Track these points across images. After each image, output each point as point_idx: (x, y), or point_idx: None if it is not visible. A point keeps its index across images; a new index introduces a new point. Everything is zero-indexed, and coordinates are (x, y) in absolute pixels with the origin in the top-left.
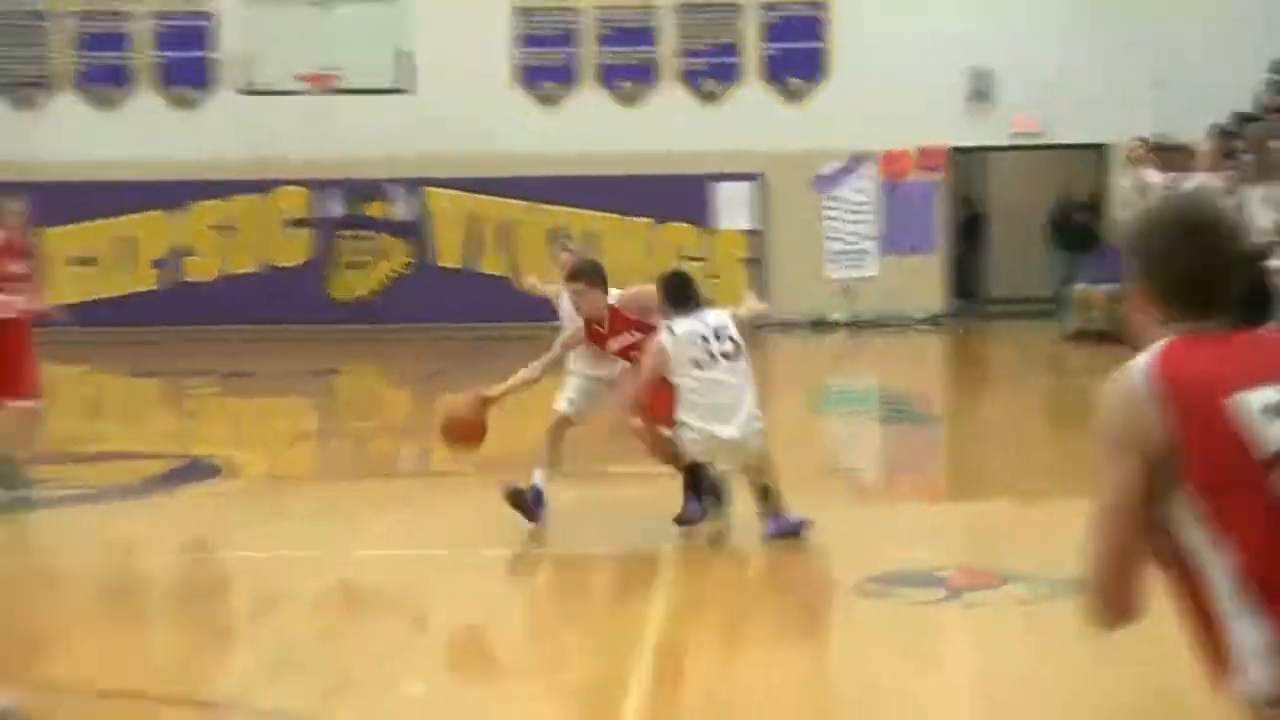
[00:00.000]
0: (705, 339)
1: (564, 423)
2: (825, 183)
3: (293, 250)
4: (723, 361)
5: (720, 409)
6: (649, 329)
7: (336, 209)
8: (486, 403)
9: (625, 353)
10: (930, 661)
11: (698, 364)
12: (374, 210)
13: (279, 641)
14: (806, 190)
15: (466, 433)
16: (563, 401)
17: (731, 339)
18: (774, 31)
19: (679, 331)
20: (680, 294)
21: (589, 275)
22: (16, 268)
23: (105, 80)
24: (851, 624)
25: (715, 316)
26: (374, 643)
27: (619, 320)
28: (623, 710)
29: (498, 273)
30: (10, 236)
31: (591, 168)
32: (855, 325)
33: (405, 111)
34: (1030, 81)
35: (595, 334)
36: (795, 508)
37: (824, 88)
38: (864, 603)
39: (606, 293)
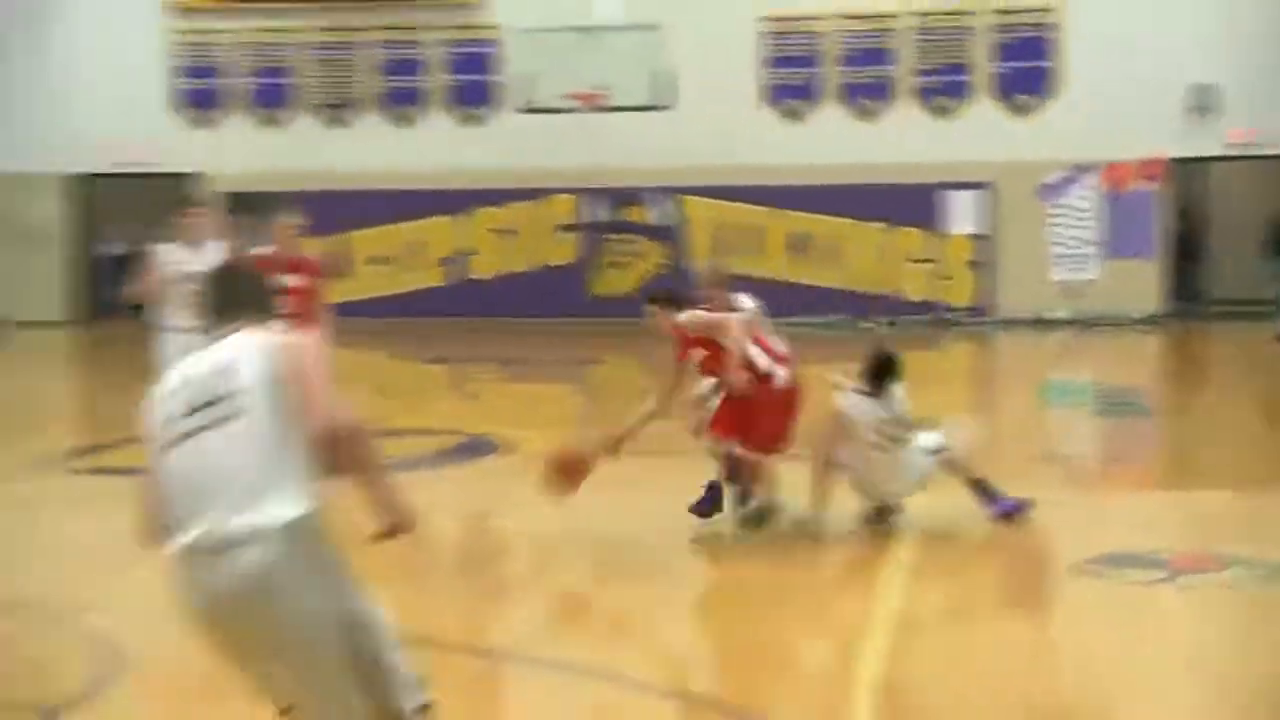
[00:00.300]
0: (872, 423)
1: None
2: (1050, 191)
3: (562, 252)
4: (885, 444)
5: (880, 474)
6: (713, 345)
7: (602, 215)
8: (610, 446)
9: (704, 366)
10: (1147, 639)
11: (866, 442)
12: (634, 216)
13: (552, 600)
14: (1032, 198)
15: (567, 471)
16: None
17: (898, 421)
18: (1005, 51)
19: (853, 411)
20: (879, 376)
21: (660, 301)
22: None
23: (403, 101)
24: (1071, 601)
25: (896, 399)
26: (636, 606)
27: (685, 339)
28: (859, 679)
29: (742, 272)
30: (281, 251)
31: (830, 178)
32: (1076, 324)
33: (664, 127)
34: (1249, 94)
35: (679, 353)
36: (1019, 493)
37: (1050, 103)
38: (1083, 581)
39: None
